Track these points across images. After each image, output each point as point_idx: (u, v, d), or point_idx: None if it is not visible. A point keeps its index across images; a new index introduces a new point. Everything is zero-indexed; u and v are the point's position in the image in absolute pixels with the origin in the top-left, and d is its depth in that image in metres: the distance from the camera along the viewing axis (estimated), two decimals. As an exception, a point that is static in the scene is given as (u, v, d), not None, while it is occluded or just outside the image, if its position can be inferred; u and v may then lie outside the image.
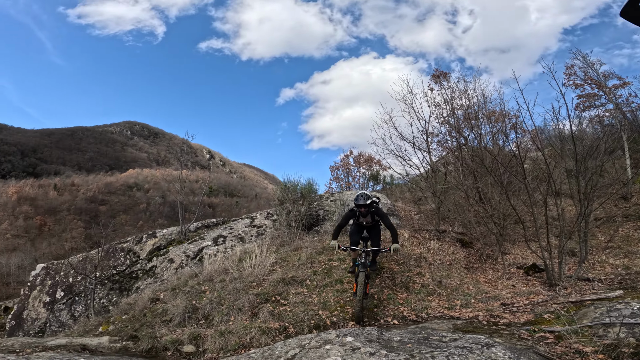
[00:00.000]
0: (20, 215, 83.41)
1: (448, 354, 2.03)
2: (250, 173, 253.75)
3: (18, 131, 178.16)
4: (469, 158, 7.42)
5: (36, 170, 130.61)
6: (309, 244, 6.58)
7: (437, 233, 7.10)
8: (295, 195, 8.25)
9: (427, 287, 4.31)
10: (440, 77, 8.34)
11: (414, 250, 6.03)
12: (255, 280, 4.99)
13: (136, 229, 59.04)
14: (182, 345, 4.02)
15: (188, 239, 8.97)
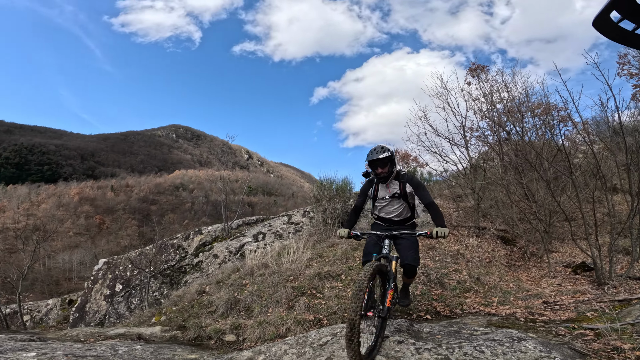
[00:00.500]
0: (81, 215, 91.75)
1: (476, 344, 2.07)
2: (287, 172, 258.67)
3: (77, 137, 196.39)
4: (511, 153, 7.13)
5: (95, 173, 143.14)
6: (345, 240, 6.71)
7: (477, 230, 6.92)
8: (331, 193, 8.42)
9: (463, 284, 4.27)
10: (478, 70, 8.02)
11: (450, 247, 5.95)
12: (293, 274, 5.22)
13: (182, 227, 62.84)
14: (225, 335, 4.35)
15: (230, 235, 9.48)
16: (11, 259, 16.39)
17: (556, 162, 5.50)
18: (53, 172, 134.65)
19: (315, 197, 8.76)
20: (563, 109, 6.40)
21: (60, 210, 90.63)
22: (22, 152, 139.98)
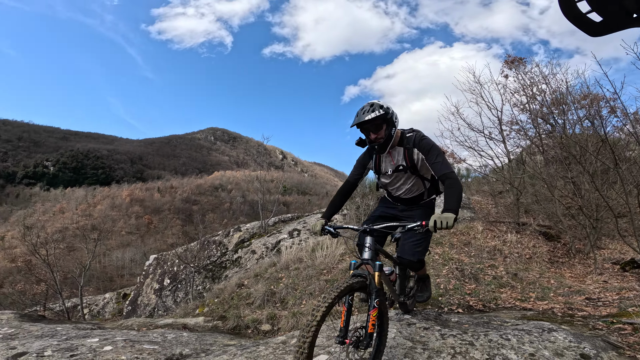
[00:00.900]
0: (132, 215, 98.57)
1: (503, 333, 2.11)
2: (320, 171, 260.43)
3: (127, 142, 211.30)
4: (554, 146, 6.80)
5: (143, 175, 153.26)
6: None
7: (516, 226, 6.69)
8: (364, 190, 8.50)
9: (499, 280, 4.19)
10: (515, 62, 7.71)
11: (488, 242, 5.82)
12: (326, 268, 5.41)
13: (222, 226, 65.65)
14: (261, 324, 4.64)
15: (267, 232, 9.88)
16: (70, 256, 18.12)
17: (601, 154, 5.21)
18: (107, 176, 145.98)
19: (348, 195, 8.89)
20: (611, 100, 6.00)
21: (114, 211, 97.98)
22: (78, 157, 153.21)
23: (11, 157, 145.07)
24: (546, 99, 6.99)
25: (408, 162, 2.23)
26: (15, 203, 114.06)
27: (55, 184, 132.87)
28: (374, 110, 2.07)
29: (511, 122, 7.45)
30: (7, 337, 3.32)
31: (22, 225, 30.92)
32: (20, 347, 2.71)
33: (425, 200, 2.42)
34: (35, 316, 5.11)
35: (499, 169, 7.56)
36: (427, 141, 2.20)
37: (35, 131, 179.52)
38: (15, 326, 3.91)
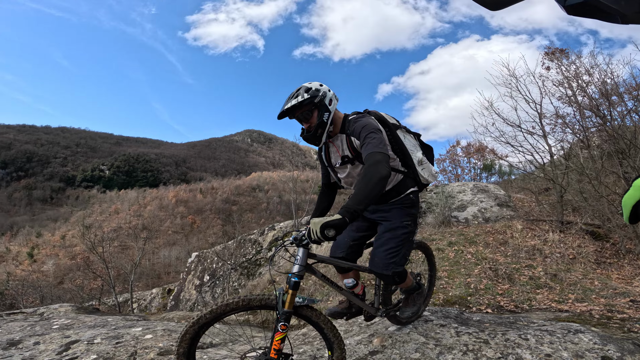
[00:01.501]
0: (177, 215, 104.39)
1: (522, 333, 2.03)
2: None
3: (171, 145, 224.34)
4: (603, 140, 6.29)
5: (187, 177, 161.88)
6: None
7: (560, 224, 6.27)
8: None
9: (536, 280, 3.97)
10: (557, 53, 7.21)
11: (526, 242, 5.53)
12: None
13: (259, 225, 67.51)
14: None
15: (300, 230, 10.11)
16: (123, 254, 19.60)
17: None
18: (155, 178, 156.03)
19: (379, 193, 8.82)
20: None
21: (161, 212, 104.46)
22: (130, 161, 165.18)
23: (70, 162, 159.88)
24: (594, 91, 6.47)
25: (352, 152, 1.84)
26: (75, 204, 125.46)
27: (110, 186, 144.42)
28: (298, 96, 1.76)
29: (555, 115, 6.97)
30: (63, 327, 3.73)
31: (82, 225, 34.13)
32: (73, 335, 3.05)
33: (399, 197, 1.93)
34: (90, 309, 5.64)
35: (540, 165, 7.12)
36: (360, 122, 1.77)
37: (92, 137, 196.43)
38: (71, 317, 4.37)
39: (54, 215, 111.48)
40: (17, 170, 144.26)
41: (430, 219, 8.01)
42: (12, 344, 2.88)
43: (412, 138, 2.06)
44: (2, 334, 3.37)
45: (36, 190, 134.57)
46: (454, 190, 9.26)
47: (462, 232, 6.63)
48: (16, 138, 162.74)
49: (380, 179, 1.50)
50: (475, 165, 18.23)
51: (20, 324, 4.08)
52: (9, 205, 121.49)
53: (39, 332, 3.31)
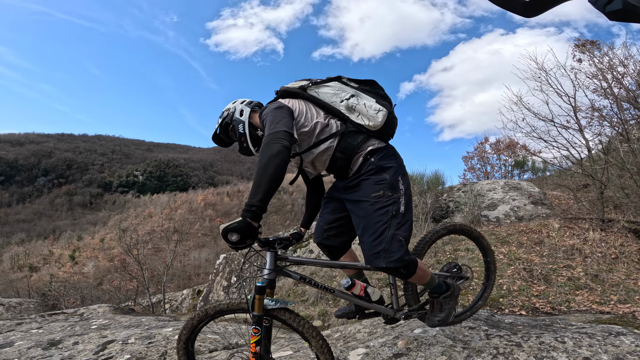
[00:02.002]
0: (206, 218, 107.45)
1: (559, 336, 1.90)
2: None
3: (199, 150, 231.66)
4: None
5: (214, 181, 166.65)
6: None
7: (600, 223, 5.89)
8: (421, 188, 8.20)
9: (575, 281, 3.74)
10: (587, 45, 6.84)
11: (564, 241, 5.23)
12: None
13: (284, 227, 68.25)
14: (313, 320, 4.79)
15: (324, 232, 10.10)
16: (157, 256, 20.42)
17: None
18: (184, 182, 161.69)
19: (404, 193, 8.67)
20: None
21: (191, 215, 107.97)
22: (161, 166, 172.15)
23: (107, 169, 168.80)
24: (630, 82, 6.06)
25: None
26: (112, 209, 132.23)
27: (144, 191, 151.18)
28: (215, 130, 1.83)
29: (591, 108, 6.56)
30: (100, 327, 3.92)
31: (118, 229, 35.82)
32: (110, 335, 3.20)
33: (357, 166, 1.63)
34: (126, 309, 5.90)
35: (577, 161, 6.72)
36: (266, 110, 1.60)
37: (125, 144, 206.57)
38: (109, 318, 4.59)
39: (93, 219, 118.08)
40: (58, 177, 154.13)
41: (459, 218, 7.76)
42: (53, 343, 3.06)
43: (331, 86, 1.68)
44: (44, 334, 3.59)
45: (76, 196, 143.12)
46: (484, 188, 8.93)
47: (492, 231, 6.38)
48: (56, 146, 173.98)
49: (268, 162, 1.33)
50: (505, 162, 17.48)
51: (61, 324, 4.33)
52: (51, 211, 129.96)
53: (78, 332, 3.50)
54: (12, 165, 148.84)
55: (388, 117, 1.60)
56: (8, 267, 69.85)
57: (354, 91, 1.66)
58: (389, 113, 1.61)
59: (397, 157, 1.63)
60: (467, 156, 18.27)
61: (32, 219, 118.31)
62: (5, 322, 4.67)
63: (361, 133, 1.62)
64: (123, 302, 12.13)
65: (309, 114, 1.62)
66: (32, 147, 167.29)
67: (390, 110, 1.63)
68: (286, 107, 1.58)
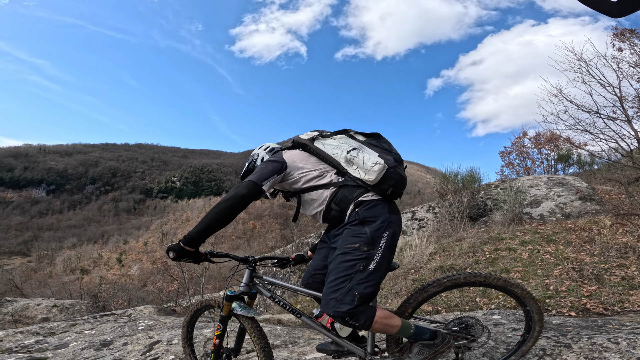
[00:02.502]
0: (239, 221, 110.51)
1: (612, 336, 1.74)
2: (411, 169, 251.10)
3: (231, 155, 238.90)
4: None
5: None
6: (473, 234, 6.25)
7: (660, 218, 5.38)
8: (456, 186, 7.92)
9: (630, 280, 3.43)
10: (626, 34, 6.37)
11: (617, 239, 4.83)
12: (414, 267, 5.22)
13: (315, 228, 68.51)
14: None
15: (355, 232, 10.01)
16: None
17: None
18: (218, 187, 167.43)
19: (439, 192, 8.40)
20: None
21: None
22: (196, 172, 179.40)
23: (147, 176, 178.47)
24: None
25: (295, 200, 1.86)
26: (154, 214, 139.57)
27: (181, 196, 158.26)
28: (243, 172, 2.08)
29: (638, 98, 6.05)
30: (147, 328, 4.13)
31: (160, 232, 37.60)
32: (156, 336, 3.36)
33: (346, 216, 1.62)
34: (169, 310, 6.18)
35: (627, 153, 6.21)
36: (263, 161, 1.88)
37: (163, 152, 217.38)
38: (154, 319, 4.82)
39: (137, 224, 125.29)
40: (105, 185, 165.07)
41: (498, 216, 7.40)
42: (104, 344, 3.26)
43: (337, 139, 1.75)
44: (96, 334, 3.83)
45: (121, 202, 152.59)
46: (525, 184, 8.47)
47: (537, 230, 6.02)
48: (101, 156, 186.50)
49: (218, 204, 1.51)
50: (547, 157, 16.43)
51: (112, 325, 4.59)
52: (99, 216, 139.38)
53: (127, 332, 3.71)
54: (62, 175, 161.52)
55: (386, 172, 1.58)
56: (61, 270, 75.77)
57: (358, 144, 1.70)
58: (389, 168, 1.59)
59: (389, 213, 1.59)
60: (505, 151, 17.36)
61: (83, 225, 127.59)
62: (60, 324, 5.02)
63: (359, 187, 1.63)
64: (165, 303, 12.72)
65: (304, 165, 1.72)
66: (80, 157, 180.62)
67: (390, 165, 1.60)
68: (277, 161, 1.70)
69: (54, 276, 68.96)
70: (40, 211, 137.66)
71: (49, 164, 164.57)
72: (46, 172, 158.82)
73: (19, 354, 3.24)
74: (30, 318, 9.03)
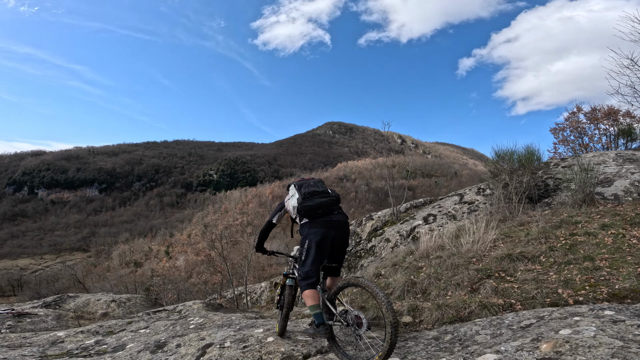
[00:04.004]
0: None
1: None
2: (445, 151, 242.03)
3: (262, 146, 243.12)
4: None
5: (279, 174, 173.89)
6: (540, 218, 5.59)
7: None
8: (512, 166, 7.17)
9: None
10: None
11: None
12: (475, 256, 4.73)
13: (349, 215, 67.40)
14: (401, 316, 4.35)
15: (400, 219, 9.53)
16: (235, 249, 21.75)
17: None
18: (253, 178, 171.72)
19: (492, 172, 7.68)
20: None
21: (261, 208, 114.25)
22: (231, 164, 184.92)
23: (187, 170, 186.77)
24: None
25: None
26: (195, 207, 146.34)
27: (219, 189, 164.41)
28: None
29: None
30: (198, 327, 4.03)
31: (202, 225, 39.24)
32: (207, 337, 3.22)
33: None
34: (216, 305, 6.16)
35: None
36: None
37: (199, 147, 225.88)
38: (203, 315, 4.76)
39: (180, 217, 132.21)
40: (149, 181, 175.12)
41: (564, 197, 6.61)
42: (159, 346, 3.15)
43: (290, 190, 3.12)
44: (150, 334, 3.78)
45: (165, 197, 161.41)
46: (590, 161, 7.52)
47: (615, 211, 5.26)
48: (144, 154, 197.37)
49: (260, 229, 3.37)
50: (606, 132, 14.84)
51: (164, 323, 4.56)
52: (147, 211, 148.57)
53: (180, 332, 3.61)
54: (111, 174, 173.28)
55: (298, 210, 2.88)
56: (117, 264, 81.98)
57: (292, 193, 3.07)
58: (298, 206, 2.88)
59: (309, 228, 2.86)
60: (558, 128, 15.94)
61: (133, 220, 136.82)
62: (118, 322, 5.11)
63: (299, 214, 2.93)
64: (210, 295, 13.04)
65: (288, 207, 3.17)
66: (125, 156, 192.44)
67: (299, 204, 2.88)
68: (281, 203, 3.29)
69: (112, 270, 74.76)
70: (94, 209, 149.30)
71: (99, 164, 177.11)
72: (97, 172, 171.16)
73: (79, 358, 3.23)
74: (91, 313, 9.53)
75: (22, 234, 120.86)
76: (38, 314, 7.29)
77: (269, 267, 54.09)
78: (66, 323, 7.47)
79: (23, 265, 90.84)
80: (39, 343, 3.87)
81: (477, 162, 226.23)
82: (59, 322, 7.67)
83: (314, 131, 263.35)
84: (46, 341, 3.93)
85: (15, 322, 6.41)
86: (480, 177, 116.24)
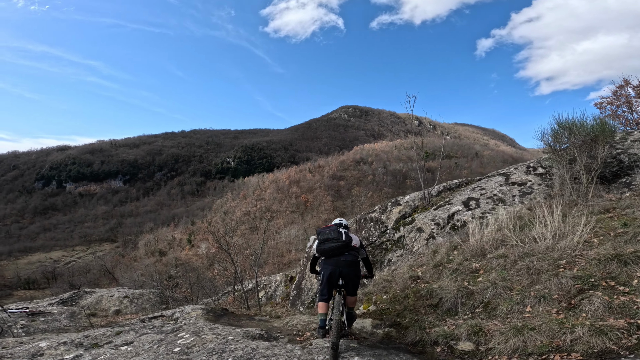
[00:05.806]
0: (292, 195, 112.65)
1: None
2: (464, 131, 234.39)
3: (278, 132, 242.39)
4: None
5: (295, 159, 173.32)
6: (632, 202, 4.26)
7: None
8: (581, 138, 5.74)
9: None
10: None
11: None
12: (561, 257, 3.51)
13: (367, 198, 66.12)
14: (458, 342, 3.21)
15: (432, 204, 8.29)
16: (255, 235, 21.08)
17: None
18: (269, 164, 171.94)
19: (552, 147, 6.29)
20: None
21: (279, 193, 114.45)
22: (247, 151, 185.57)
23: (205, 159, 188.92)
24: None
25: None
26: (214, 194, 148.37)
27: (236, 176, 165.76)
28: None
29: None
30: (182, 352, 3.10)
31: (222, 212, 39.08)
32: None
33: None
34: (219, 311, 5.26)
35: None
36: None
37: (216, 135, 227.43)
38: (197, 330, 3.93)
39: (201, 205, 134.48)
40: (170, 171, 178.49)
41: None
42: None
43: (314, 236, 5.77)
44: (130, 355, 2.86)
45: (186, 186, 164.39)
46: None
47: None
48: (163, 144, 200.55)
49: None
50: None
51: (151, 338, 3.87)
52: (169, 200, 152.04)
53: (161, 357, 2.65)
54: (134, 165, 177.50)
55: (316, 250, 3.94)
56: (143, 253, 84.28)
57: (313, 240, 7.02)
58: (317, 248, 3.91)
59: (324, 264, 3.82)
60: (604, 102, 14.30)
61: (156, 209, 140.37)
62: (107, 331, 4.37)
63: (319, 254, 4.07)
64: (224, 290, 12.27)
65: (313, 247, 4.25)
66: (146, 147, 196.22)
67: (316, 247, 3.93)
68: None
69: (138, 259, 76.82)
70: (120, 200, 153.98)
71: (122, 156, 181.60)
72: (120, 163, 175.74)
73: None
74: (104, 311, 9.04)
75: (54, 227, 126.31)
76: (52, 312, 7.13)
77: (287, 253, 53.90)
78: (79, 322, 7.14)
79: (56, 258, 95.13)
80: (19, 355, 3.57)
81: (498, 142, 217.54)
82: (72, 320, 7.43)
83: (328, 115, 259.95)
84: (27, 353, 3.61)
85: (28, 321, 6.37)
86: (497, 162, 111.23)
